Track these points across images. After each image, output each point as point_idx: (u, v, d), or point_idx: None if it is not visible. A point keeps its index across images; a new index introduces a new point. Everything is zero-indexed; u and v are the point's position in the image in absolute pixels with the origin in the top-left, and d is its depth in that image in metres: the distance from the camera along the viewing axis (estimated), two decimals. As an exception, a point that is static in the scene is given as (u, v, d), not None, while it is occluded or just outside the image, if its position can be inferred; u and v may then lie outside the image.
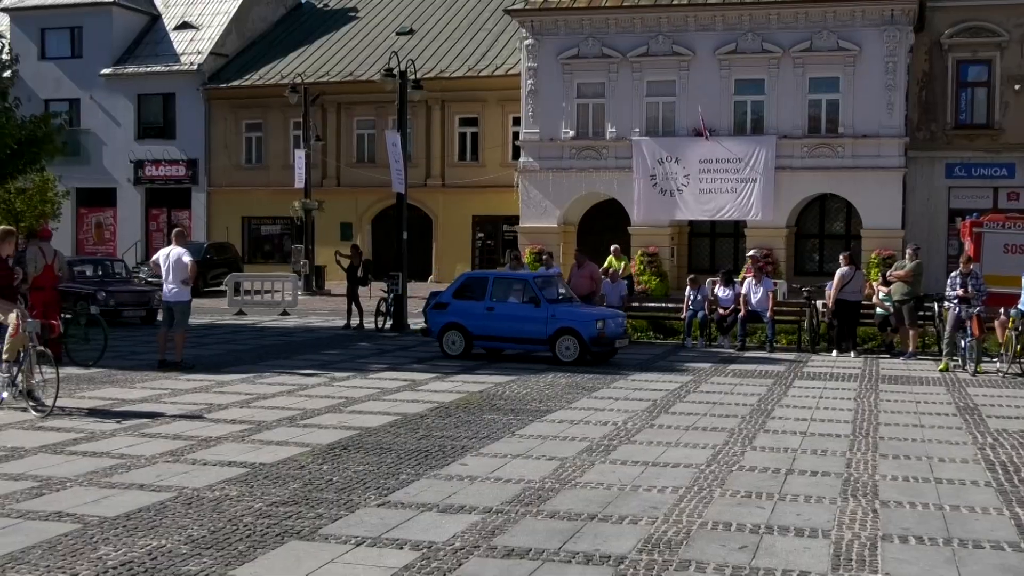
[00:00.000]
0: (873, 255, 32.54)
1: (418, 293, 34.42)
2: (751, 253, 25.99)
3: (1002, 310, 18.02)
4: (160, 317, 17.42)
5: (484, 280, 19.36)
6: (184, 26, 47.47)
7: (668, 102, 35.30)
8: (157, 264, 17.25)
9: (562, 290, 19.50)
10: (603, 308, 19.99)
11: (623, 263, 25.30)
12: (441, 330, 19.19)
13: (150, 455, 10.25)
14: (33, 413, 12.48)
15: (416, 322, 25.77)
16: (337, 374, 16.74)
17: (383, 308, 24.69)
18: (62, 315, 17.33)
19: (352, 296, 25.06)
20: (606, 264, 24.95)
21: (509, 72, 40.26)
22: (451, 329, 19.05)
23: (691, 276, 23.35)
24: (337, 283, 35.47)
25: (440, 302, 19.42)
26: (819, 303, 21.60)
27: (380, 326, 24.38)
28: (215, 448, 10.69)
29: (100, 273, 26.92)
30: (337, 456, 10.33)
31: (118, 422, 12.12)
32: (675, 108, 35.17)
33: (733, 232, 36.99)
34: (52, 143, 26.96)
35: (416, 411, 13.18)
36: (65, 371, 13.77)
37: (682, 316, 22.16)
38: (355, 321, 24.98)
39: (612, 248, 25.98)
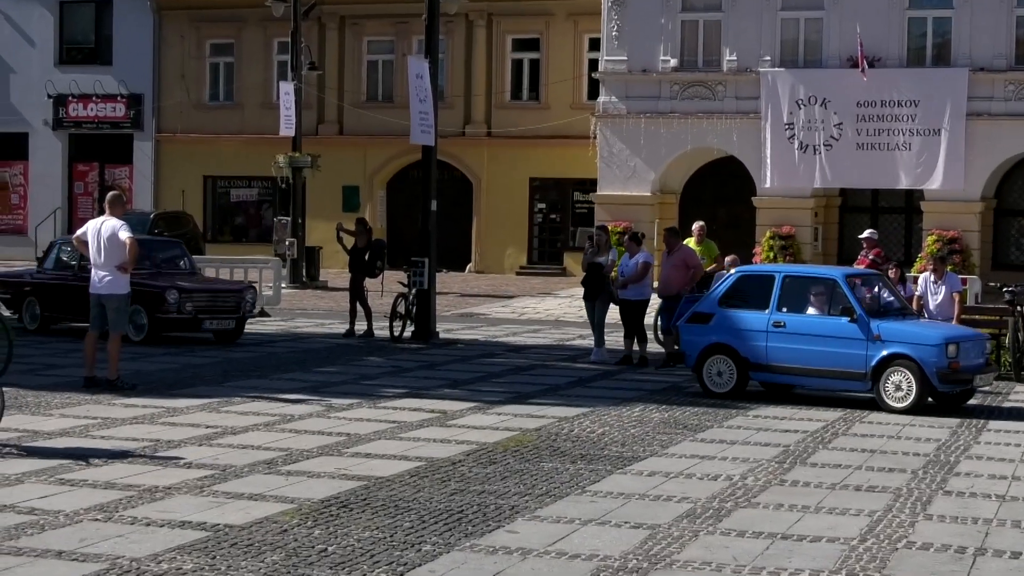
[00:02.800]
0: (1110, 242, 32.24)
1: (451, 288, 34.52)
2: (866, 234, 24.99)
3: None
4: (94, 319, 17.46)
5: (768, 280, 18.61)
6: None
7: (813, 18, 35.10)
8: (84, 242, 17.37)
9: (890, 296, 18.68)
10: (956, 326, 19.29)
11: (709, 250, 24.30)
12: (701, 355, 18.47)
13: (72, 511, 10.36)
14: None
15: (449, 328, 25.82)
16: (335, 400, 16.82)
17: (401, 308, 24.74)
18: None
19: (357, 291, 25.17)
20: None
21: (585, -26, 40.26)
22: (716, 353, 18.34)
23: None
24: (337, 272, 35.66)
25: (700, 312, 18.80)
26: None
27: (397, 334, 24.45)
28: (163, 502, 10.78)
29: (148, 260, 23.24)
30: (334, 517, 10.40)
31: (34, 463, 12.26)
32: (822, 27, 34.95)
33: (904, 207, 36.69)
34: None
35: (446, 455, 13.22)
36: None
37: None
38: (362, 326, 25.10)
39: (695, 227, 25.09)
